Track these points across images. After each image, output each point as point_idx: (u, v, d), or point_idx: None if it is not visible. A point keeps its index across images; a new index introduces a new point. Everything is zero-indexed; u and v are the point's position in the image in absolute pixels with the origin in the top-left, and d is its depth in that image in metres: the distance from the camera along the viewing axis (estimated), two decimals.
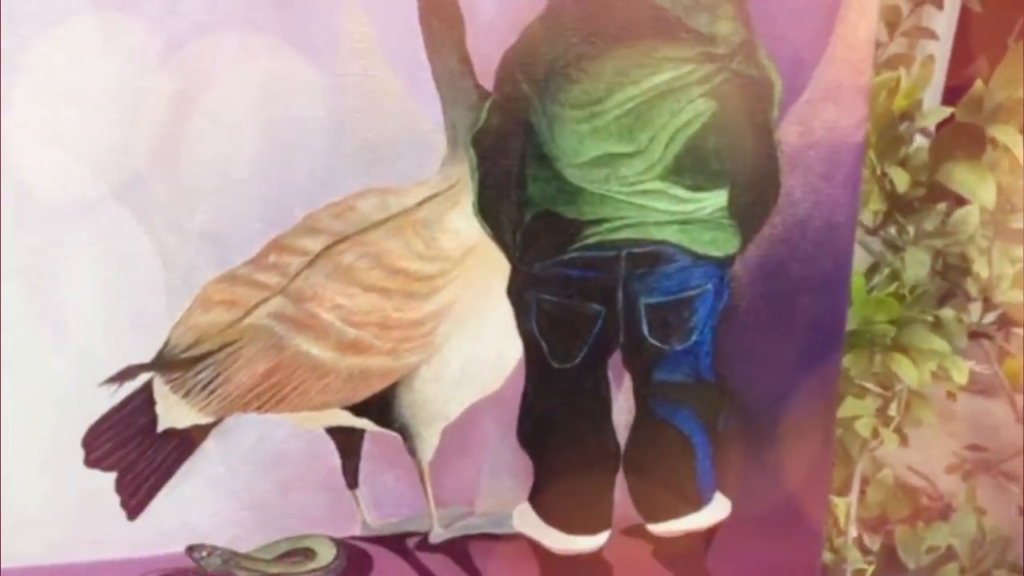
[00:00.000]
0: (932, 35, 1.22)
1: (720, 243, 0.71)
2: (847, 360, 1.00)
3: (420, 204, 0.67)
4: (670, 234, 0.70)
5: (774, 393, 0.75)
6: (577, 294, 0.70)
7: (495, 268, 0.69)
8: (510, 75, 0.66)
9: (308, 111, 0.64)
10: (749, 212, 0.71)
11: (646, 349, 0.72)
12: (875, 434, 1.11)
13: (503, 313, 0.70)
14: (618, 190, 0.68)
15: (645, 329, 0.71)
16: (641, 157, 0.68)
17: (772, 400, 0.76)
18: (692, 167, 0.68)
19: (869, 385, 1.05)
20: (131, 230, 0.63)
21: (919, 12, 1.17)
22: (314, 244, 0.66)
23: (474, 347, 0.70)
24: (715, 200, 0.70)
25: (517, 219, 0.69)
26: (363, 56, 0.64)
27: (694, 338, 0.72)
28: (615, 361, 0.73)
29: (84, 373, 0.65)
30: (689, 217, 0.69)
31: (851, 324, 0.97)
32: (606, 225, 0.69)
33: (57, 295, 0.64)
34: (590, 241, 0.69)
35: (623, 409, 0.74)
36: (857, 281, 1.01)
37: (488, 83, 0.66)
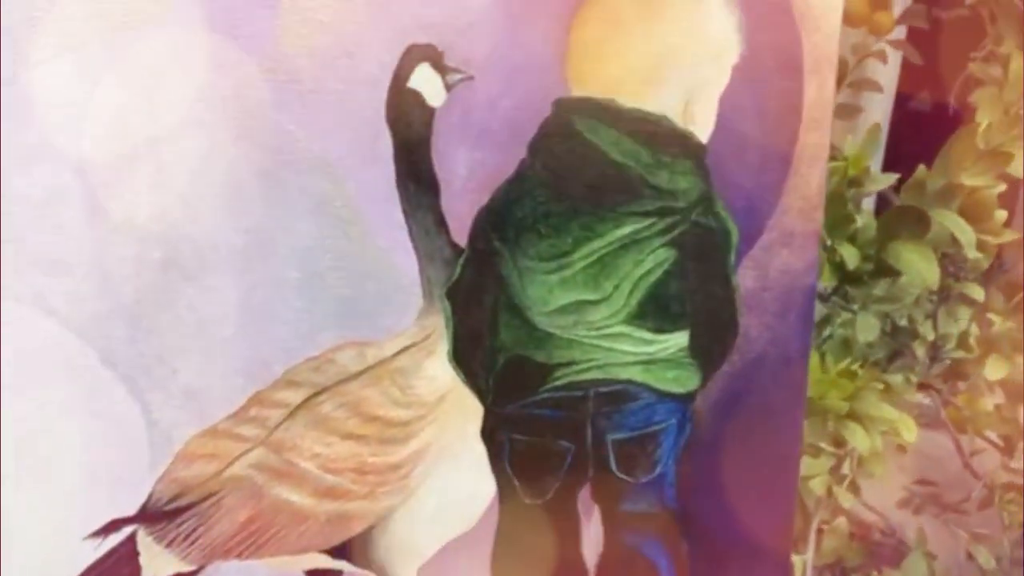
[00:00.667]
0: (877, 87, 1.28)
1: (682, 381, 0.74)
2: None
3: (397, 354, 0.69)
4: (635, 373, 0.73)
5: (734, 517, 0.79)
6: (548, 433, 0.73)
7: (469, 411, 0.72)
8: (482, 232, 0.69)
9: (287, 273, 0.66)
10: (709, 351, 0.74)
11: (614, 482, 0.75)
12: (829, 492, 1.15)
13: (477, 454, 0.73)
14: (585, 334, 0.71)
15: (613, 463, 0.74)
16: (607, 304, 0.71)
17: (732, 524, 0.79)
18: (655, 311, 0.71)
19: (823, 445, 1.09)
20: (116, 390, 0.65)
21: (864, 65, 1.23)
22: (294, 397, 0.68)
23: (449, 487, 0.72)
24: (677, 341, 0.73)
25: (489, 364, 0.72)
26: (344, 220, 0.66)
27: (659, 470, 0.75)
28: (584, 493, 0.76)
29: (70, 527, 0.66)
30: (653, 357, 0.73)
31: (808, 393, 1.01)
32: (574, 367, 0.72)
33: (44, 453, 0.65)
34: (559, 383, 0.72)
35: (592, 539, 0.77)
36: (813, 358, 1.05)
37: (462, 240, 0.69)
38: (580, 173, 0.69)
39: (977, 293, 1.11)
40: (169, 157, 0.63)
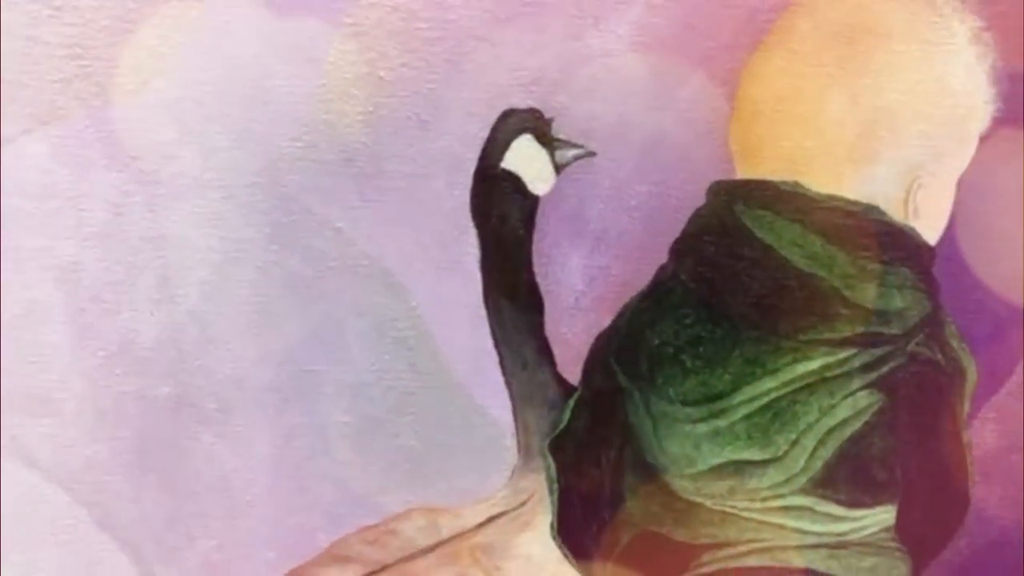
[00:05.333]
0: None
1: (882, 572, 0.55)
2: None
3: (481, 526, 0.54)
4: (817, 561, 0.55)
5: None
6: None
7: None
8: (603, 365, 0.55)
9: (334, 415, 0.50)
10: (924, 535, 0.56)
11: None
12: None
13: None
14: (747, 507, 0.54)
15: None
16: (778, 465, 0.53)
17: None
18: (848, 478, 0.54)
19: None
20: (116, 561, 0.50)
21: None
22: None
23: None
24: (878, 519, 0.54)
25: (610, 543, 0.54)
26: (409, 347, 0.50)
27: None
28: None
29: None
30: (843, 540, 0.54)
31: None
32: (728, 551, 0.54)
33: None
34: (706, 570, 0.54)
35: None
36: None
37: (572, 375, 0.55)
38: (746, 286, 0.53)
39: None
40: (176, 262, 0.47)
